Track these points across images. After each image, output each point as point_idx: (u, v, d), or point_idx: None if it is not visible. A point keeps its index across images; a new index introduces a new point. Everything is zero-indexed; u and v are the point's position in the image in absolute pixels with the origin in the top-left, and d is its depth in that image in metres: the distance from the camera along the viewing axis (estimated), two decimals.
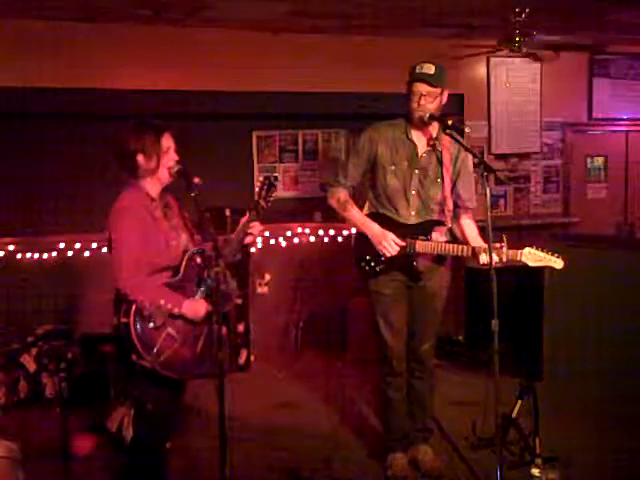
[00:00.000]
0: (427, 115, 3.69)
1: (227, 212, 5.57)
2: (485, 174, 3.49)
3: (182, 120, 6.00)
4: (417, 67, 3.72)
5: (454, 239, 3.91)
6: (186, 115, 6.05)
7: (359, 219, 3.87)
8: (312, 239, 6.33)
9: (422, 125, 3.77)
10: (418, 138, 3.82)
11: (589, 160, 7.79)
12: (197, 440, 3.97)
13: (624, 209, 7.83)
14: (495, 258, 3.54)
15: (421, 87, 3.67)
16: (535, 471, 3.81)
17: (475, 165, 3.70)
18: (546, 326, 5.28)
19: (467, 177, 3.89)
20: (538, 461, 3.86)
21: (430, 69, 3.68)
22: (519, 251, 3.60)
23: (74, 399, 4.45)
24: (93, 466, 4.06)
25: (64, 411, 4.11)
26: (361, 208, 3.97)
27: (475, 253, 3.68)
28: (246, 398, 4.89)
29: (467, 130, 4.25)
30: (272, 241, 6.28)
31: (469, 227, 3.91)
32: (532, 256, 3.61)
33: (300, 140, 6.91)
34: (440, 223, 3.85)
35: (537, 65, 7.11)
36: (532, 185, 7.42)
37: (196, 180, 3.10)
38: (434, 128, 3.81)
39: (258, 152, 6.80)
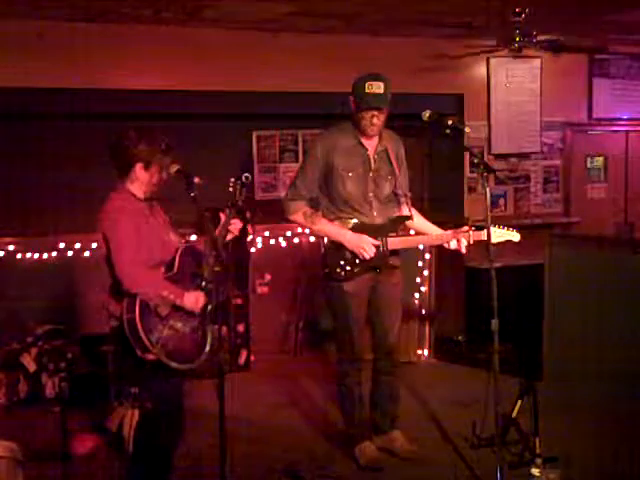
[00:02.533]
0: (427, 115, 3.77)
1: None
2: (485, 174, 3.56)
3: (182, 120, 6.02)
4: (366, 86, 3.79)
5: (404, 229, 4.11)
6: (186, 115, 6.05)
7: (330, 229, 3.95)
8: (312, 239, 6.33)
9: (369, 134, 3.90)
10: (367, 141, 3.96)
11: (589, 160, 7.79)
12: (197, 440, 3.97)
13: (624, 209, 7.83)
14: (464, 242, 3.88)
15: (373, 110, 3.81)
16: (535, 471, 3.81)
17: (475, 165, 3.77)
18: (546, 326, 5.28)
19: (404, 170, 4.10)
20: (538, 461, 3.85)
21: (380, 88, 3.78)
22: (482, 231, 3.84)
23: (74, 399, 4.45)
24: (93, 466, 4.06)
25: (64, 411, 4.11)
26: None
27: (444, 240, 3.94)
28: (246, 398, 4.90)
29: (467, 130, 4.26)
30: (272, 241, 6.28)
31: (416, 216, 4.11)
32: (494, 234, 3.83)
33: (300, 140, 6.91)
34: (405, 218, 4.05)
35: (537, 65, 7.11)
36: (532, 185, 7.42)
37: (196, 180, 3.18)
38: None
39: (258, 152, 6.80)
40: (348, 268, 3.91)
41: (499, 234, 3.90)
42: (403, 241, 3.98)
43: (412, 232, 4.15)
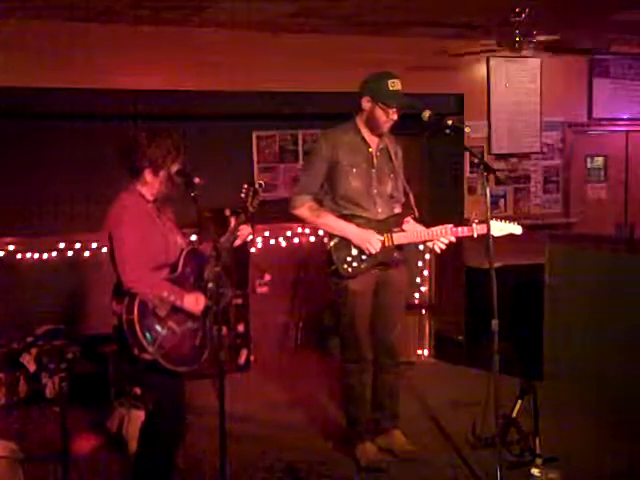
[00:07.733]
0: (427, 115, 3.79)
1: (227, 212, 5.57)
2: (485, 174, 3.57)
3: (182, 120, 6.01)
4: (389, 84, 3.86)
5: None
6: (186, 115, 6.05)
7: (336, 223, 3.97)
8: (312, 239, 6.33)
9: (382, 131, 3.96)
10: (370, 139, 4.01)
11: (589, 160, 7.79)
12: (197, 439, 3.97)
13: (624, 209, 7.83)
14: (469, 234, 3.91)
15: (396, 107, 3.88)
16: (535, 471, 3.81)
17: (475, 165, 3.78)
18: (546, 326, 5.28)
19: (401, 170, 4.14)
20: (538, 461, 3.85)
21: (400, 85, 3.87)
22: (484, 225, 3.86)
23: (74, 399, 4.46)
24: (93, 466, 4.05)
25: (64, 411, 4.11)
26: None
27: (446, 234, 3.96)
28: (246, 398, 4.90)
29: (467, 130, 4.27)
30: (272, 241, 6.28)
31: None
32: (496, 227, 3.88)
33: (300, 140, 6.91)
34: (408, 214, 4.07)
35: (537, 65, 7.12)
36: (532, 185, 7.42)
37: (197, 180, 3.19)
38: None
39: (258, 152, 6.79)
40: (355, 264, 3.92)
41: (501, 228, 3.91)
42: (407, 236, 4.00)
43: None
